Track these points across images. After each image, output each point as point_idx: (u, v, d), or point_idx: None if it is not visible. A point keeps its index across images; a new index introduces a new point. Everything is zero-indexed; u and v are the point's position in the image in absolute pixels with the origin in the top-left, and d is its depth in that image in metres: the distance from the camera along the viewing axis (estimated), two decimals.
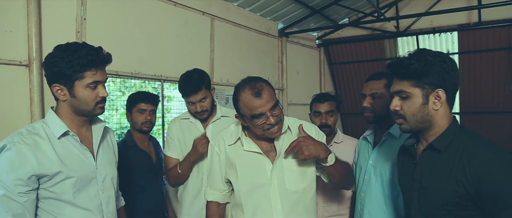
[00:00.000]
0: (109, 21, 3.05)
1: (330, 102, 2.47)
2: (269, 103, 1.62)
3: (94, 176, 1.62)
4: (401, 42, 5.92)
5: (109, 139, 1.83)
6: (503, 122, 5.52)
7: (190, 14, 3.85)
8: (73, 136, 1.57)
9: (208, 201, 1.91)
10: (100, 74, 1.55)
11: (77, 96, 1.52)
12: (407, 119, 1.43)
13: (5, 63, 2.39)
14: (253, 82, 1.65)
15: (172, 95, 3.94)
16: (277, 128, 1.67)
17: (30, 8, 2.45)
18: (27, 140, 1.46)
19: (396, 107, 1.44)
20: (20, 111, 2.46)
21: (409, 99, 1.41)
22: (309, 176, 1.81)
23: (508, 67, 5.26)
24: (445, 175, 1.34)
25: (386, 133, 2.05)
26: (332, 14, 5.69)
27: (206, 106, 2.30)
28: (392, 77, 1.48)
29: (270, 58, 5.22)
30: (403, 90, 1.41)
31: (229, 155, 1.82)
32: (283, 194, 1.73)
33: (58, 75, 1.48)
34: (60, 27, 2.69)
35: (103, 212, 1.64)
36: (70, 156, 1.54)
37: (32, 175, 1.42)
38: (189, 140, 2.37)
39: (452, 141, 1.37)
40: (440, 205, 1.35)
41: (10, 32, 2.41)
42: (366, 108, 2.07)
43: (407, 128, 1.46)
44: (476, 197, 1.27)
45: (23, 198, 1.42)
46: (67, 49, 1.48)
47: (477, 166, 1.26)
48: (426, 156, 1.45)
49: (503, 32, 5.09)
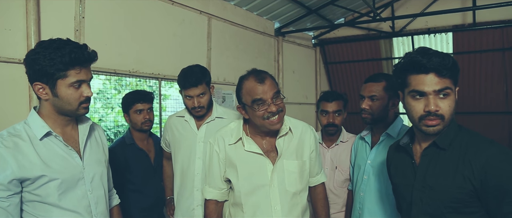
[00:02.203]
0: (107, 20, 3.06)
1: (338, 102, 2.46)
2: (271, 90, 1.64)
3: (81, 176, 1.55)
4: (396, 43, 5.97)
5: (98, 136, 1.75)
6: (496, 122, 5.57)
7: (188, 13, 3.87)
8: (56, 137, 1.49)
9: (206, 199, 1.91)
10: (84, 73, 1.47)
11: (59, 95, 1.44)
12: (446, 119, 1.33)
13: (4, 61, 2.40)
14: (258, 71, 1.70)
15: (168, 94, 3.95)
16: (278, 118, 1.68)
17: (29, 6, 2.47)
18: (7, 143, 1.39)
19: (438, 108, 1.31)
20: (19, 109, 2.47)
21: (449, 97, 1.32)
22: (305, 178, 1.85)
23: (502, 68, 5.30)
24: (451, 172, 1.32)
25: (384, 133, 2.08)
26: (328, 14, 5.71)
27: (203, 103, 2.29)
28: (423, 73, 1.31)
29: (266, 57, 5.25)
30: (449, 87, 1.31)
31: (229, 155, 1.82)
32: (283, 195, 1.75)
33: (40, 74, 1.40)
34: (59, 26, 2.70)
35: (92, 213, 1.58)
36: (54, 157, 1.47)
37: (13, 179, 1.36)
38: (181, 138, 2.42)
39: (454, 139, 1.36)
40: (446, 202, 1.33)
41: (9, 30, 2.42)
42: (365, 110, 2.07)
43: (440, 129, 1.34)
44: (482, 193, 1.26)
45: (5, 203, 1.36)
46: (50, 46, 1.40)
47: (484, 161, 1.25)
48: (428, 154, 1.41)
49: (497, 33, 5.14)
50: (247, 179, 1.77)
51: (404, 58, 1.39)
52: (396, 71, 1.43)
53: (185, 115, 2.43)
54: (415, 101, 1.36)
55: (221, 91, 4.36)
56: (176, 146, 2.46)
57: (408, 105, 1.39)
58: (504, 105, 5.48)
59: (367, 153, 2.17)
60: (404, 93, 1.41)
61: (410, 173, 1.47)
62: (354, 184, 2.26)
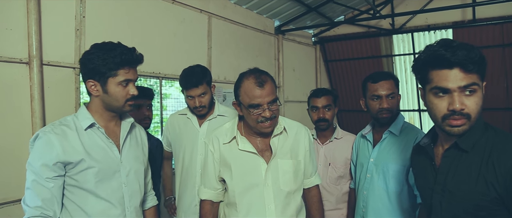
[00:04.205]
0: (108, 19, 3.07)
1: (327, 97, 2.49)
2: (269, 96, 1.64)
3: (117, 169, 1.66)
4: (396, 40, 5.97)
5: (139, 135, 1.88)
6: (496, 118, 5.59)
7: (188, 12, 3.88)
8: (99, 128, 1.63)
9: (202, 200, 1.91)
10: (132, 73, 1.62)
11: (109, 92, 1.59)
12: (472, 118, 1.20)
13: (5, 61, 2.40)
14: (259, 73, 1.67)
15: (168, 93, 3.96)
16: (270, 123, 1.69)
17: (30, 6, 2.47)
18: (57, 130, 1.55)
19: (464, 106, 1.18)
20: (20, 108, 2.47)
21: (476, 94, 1.19)
22: (299, 178, 1.84)
23: (502, 64, 5.31)
24: (473, 176, 1.20)
25: (386, 131, 2.09)
26: (328, 12, 5.72)
27: (205, 103, 2.34)
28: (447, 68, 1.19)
29: (267, 55, 5.26)
30: (475, 83, 1.18)
31: (223, 154, 1.81)
32: (277, 194, 1.75)
33: (93, 72, 1.56)
34: (60, 25, 2.70)
35: (124, 205, 1.68)
36: (95, 147, 1.61)
37: (57, 162, 1.50)
38: (183, 135, 2.46)
39: (479, 140, 1.23)
40: (468, 209, 1.22)
41: (10, 30, 2.43)
42: (385, 109, 2.04)
43: (466, 130, 1.21)
44: (508, 200, 1.14)
45: (50, 184, 1.50)
46: (103, 48, 1.56)
47: (510, 166, 1.12)
48: (450, 156, 1.29)
49: (497, 29, 5.15)
50: (241, 178, 1.77)
51: (424, 52, 1.25)
52: (416, 66, 1.30)
53: (187, 112, 2.48)
54: (437, 99, 1.23)
55: (222, 90, 4.37)
56: (178, 143, 2.49)
57: (429, 103, 1.26)
58: (504, 102, 5.49)
59: (370, 151, 2.17)
60: (425, 91, 1.28)
61: (430, 176, 1.37)
62: (357, 183, 2.26)
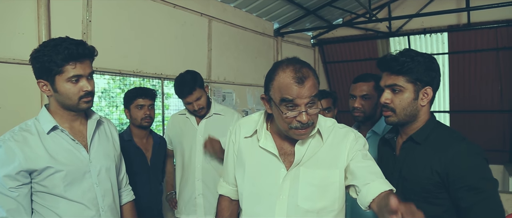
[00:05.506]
0: (113, 23, 3.22)
1: (327, 100, 2.55)
2: (309, 95, 1.27)
3: (87, 169, 1.59)
4: (393, 42, 6.09)
5: (108, 130, 1.79)
6: (491, 120, 5.70)
7: (189, 15, 4.01)
8: (62, 131, 1.55)
9: (219, 195, 1.68)
10: (80, 68, 1.50)
11: (59, 91, 1.50)
12: (397, 112, 1.52)
13: (18, 63, 2.56)
14: (300, 65, 1.30)
15: (170, 93, 4.06)
16: (306, 131, 1.32)
17: (40, 12, 2.64)
18: (17, 137, 1.47)
19: (387, 101, 1.53)
20: (32, 108, 2.62)
21: (401, 94, 1.50)
22: (331, 194, 1.40)
23: (496, 67, 5.42)
24: (422, 164, 1.47)
25: (370, 131, 2.21)
26: (326, 15, 5.83)
27: (203, 104, 2.50)
28: (384, 71, 1.55)
29: (266, 57, 5.37)
30: (398, 85, 1.49)
31: (241, 149, 1.52)
32: (292, 211, 1.37)
33: (41, 71, 1.48)
34: (68, 29, 2.85)
35: (98, 205, 1.61)
36: (60, 150, 1.53)
37: (21, 170, 1.44)
38: (183, 133, 2.66)
39: (429, 135, 1.50)
40: (418, 192, 1.47)
41: (22, 34, 2.59)
42: (357, 108, 2.19)
43: (394, 121, 1.55)
44: (446, 184, 1.40)
45: (14, 193, 1.44)
46: (48, 44, 1.47)
47: (451, 157, 1.39)
48: (406, 148, 1.56)
49: (491, 33, 5.27)
50: (252, 182, 1.46)
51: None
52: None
53: (186, 112, 2.67)
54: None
55: (221, 90, 4.50)
56: (178, 141, 2.69)
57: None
58: (498, 104, 5.60)
59: None
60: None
61: (391, 164, 1.63)
62: None
